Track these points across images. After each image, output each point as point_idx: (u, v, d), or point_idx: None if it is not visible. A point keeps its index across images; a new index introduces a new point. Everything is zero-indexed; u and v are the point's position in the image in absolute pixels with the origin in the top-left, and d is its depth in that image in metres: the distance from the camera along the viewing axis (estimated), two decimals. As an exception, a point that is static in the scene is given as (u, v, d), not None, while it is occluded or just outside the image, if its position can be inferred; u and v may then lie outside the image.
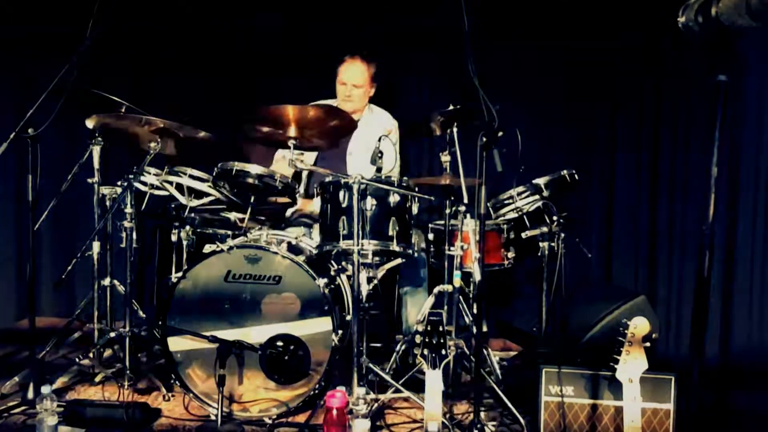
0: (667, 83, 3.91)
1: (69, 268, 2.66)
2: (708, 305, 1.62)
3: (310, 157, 3.60)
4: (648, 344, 2.13)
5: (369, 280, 2.87)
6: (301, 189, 3.39)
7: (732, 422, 2.91)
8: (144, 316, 3.32)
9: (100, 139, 3.17)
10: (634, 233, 4.04)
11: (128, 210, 2.96)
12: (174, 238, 3.16)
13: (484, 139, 2.42)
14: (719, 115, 1.47)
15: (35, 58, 4.10)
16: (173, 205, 3.16)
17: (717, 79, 1.48)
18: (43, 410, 2.31)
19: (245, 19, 4.13)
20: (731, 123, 3.72)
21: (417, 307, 3.47)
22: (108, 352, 3.26)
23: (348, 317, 2.83)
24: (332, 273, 2.98)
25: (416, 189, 2.87)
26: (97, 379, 3.08)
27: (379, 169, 2.87)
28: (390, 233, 2.78)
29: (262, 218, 3.16)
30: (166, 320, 2.78)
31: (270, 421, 2.71)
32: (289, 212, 3.44)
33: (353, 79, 3.55)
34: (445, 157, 3.02)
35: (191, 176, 3.00)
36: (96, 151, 3.18)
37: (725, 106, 1.47)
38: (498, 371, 3.09)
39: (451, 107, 2.97)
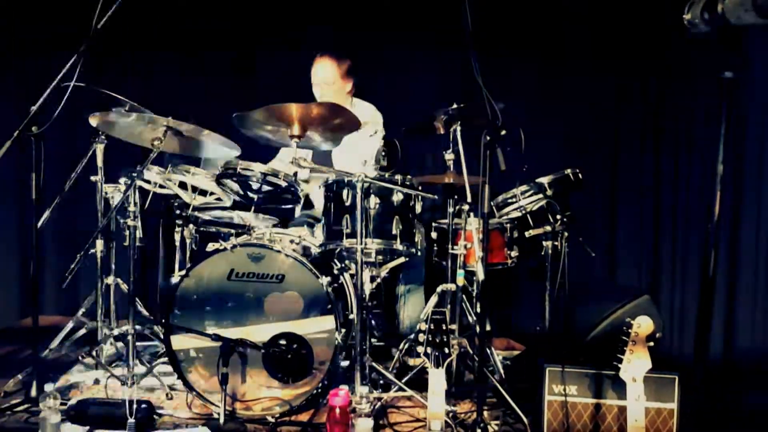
0: (670, 81, 3.90)
1: (73, 266, 2.65)
2: (713, 305, 1.60)
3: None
4: (652, 343, 2.12)
5: (372, 278, 2.87)
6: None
7: (735, 421, 2.90)
8: (147, 314, 3.32)
9: (103, 137, 3.17)
10: (638, 232, 4.03)
11: (131, 208, 2.96)
12: (177, 236, 3.16)
13: (488, 138, 2.41)
14: (724, 112, 1.45)
15: (38, 56, 4.10)
16: (177, 204, 3.16)
17: (723, 75, 1.47)
18: (46, 408, 2.31)
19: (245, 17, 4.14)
20: (735, 120, 3.70)
21: (416, 306, 3.46)
22: (111, 351, 3.26)
23: (351, 316, 2.83)
24: (335, 272, 2.97)
25: (420, 187, 2.87)
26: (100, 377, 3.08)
27: (383, 168, 2.86)
28: (393, 232, 2.78)
29: (266, 216, 3.15)
30: (169, 318, 2.78)
31: (273, 420, 2.71)
32: (297, 212, 3.42)
33: (324, 78, 3.49)
34: (449, 156, 3.02)
35: (194, 174, 2.99)
36: (99, 149, 3.19)
37: (731, 103, 1.45)
38: (501, 370, 3.09)
39: (454, 106, 2.97)
